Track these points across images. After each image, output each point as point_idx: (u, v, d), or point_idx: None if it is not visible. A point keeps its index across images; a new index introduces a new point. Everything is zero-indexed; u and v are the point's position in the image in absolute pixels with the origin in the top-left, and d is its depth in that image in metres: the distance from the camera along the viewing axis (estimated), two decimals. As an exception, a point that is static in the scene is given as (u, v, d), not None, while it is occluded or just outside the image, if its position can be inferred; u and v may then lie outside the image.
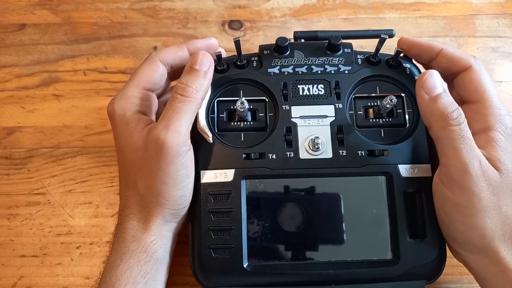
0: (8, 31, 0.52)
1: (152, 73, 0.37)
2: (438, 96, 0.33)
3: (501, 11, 0.54)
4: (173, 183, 0.33)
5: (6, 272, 0.42)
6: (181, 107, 0.33)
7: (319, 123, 0.37)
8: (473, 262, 0.33)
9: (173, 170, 0.33)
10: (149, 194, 0.34)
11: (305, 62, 0.39)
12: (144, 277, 0.33)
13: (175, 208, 0.34)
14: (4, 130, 0.47)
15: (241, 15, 0.53)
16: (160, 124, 0.33)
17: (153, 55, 0.37)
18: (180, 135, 0.32)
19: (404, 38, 0.38)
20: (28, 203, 0.44)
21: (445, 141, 0.32)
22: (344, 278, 0.35)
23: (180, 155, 0.33)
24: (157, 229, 0.34)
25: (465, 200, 0.31)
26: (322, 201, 0.36)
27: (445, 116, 0.32)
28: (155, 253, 0.34)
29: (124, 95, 0.36)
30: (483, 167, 0.31)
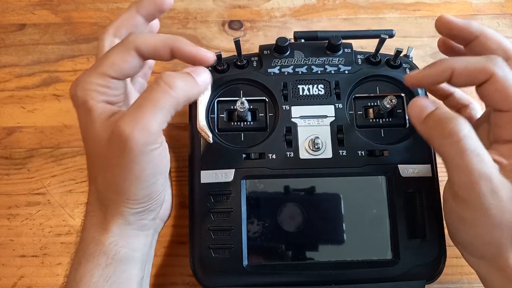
0: (8, 31, 0.52)
1: (124, 64, 0.31)
2: (430, 114, 0.30)
3: (501, 11, 0.54)
4: (136, 182, 0.29)
5: (6, 272, 0.42)
6: (160, 98, 0.29)
7: (319, 123, 0.37)
8: (477, 266, 0.33)
9: (136, 169, 0.29)
10: (107, 191, 0.30)
11: (305, 62, 0.39)
12: (107, 281, 0.30)
13: (138, 208, 0.31)
14: (4, 130, 0.47)
15: (241, 15, 0.53)
16: (127, 116, 0.28)
17: (129, 42, 0.31)
18: (149, 132, 0.28)
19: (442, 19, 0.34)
20: (28, 203, 0.45)
21: (448, 157, 0.29)
22: (344, 278, 0.35)
23: (146, 154, 0.29)
24: (118, 230, 0.31)
25: (471, 216, 0.30)
26: (322, 201, 0.36)
27: (441, 131, 0.29)
28: (116, 254, 0.30)
29: (89, 81, 0.31)
30: (494, 183, 0.28)
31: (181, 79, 0.30)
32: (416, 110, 0.31)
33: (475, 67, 0.30)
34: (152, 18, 0.36)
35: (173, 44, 0.31)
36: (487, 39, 0.33)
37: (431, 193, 0.36)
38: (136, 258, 0.32)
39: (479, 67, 0.30)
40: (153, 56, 0.32)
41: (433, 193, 0.36)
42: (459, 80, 0.31)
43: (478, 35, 0.33)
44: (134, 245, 0.32)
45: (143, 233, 0.32)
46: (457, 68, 0.31)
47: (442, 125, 0.29)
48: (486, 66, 0.30)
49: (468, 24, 0.33)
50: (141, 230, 0.32)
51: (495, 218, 0.29)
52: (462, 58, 0.32)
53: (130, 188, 0.30)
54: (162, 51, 0.31)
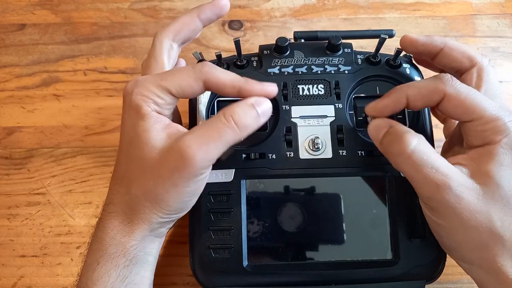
0: (8, 31, 0.52)
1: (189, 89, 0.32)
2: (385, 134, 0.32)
3: (501, 11, 0.54)
4: (176, 195, 0.31)
5: (6, 272, 0.42)
6: (228, 135, 0.30)
7: (319, 123, 0.37)
8: (469, 271, 0.32)
9: (182, 185, 0.31)
10: (143, 197, 0.31)
11: (305, 62, 0.39)
12: (123, 282, 0.31)
13: (166, 218, 0.32)
14: (4, 130, 0.47)
15: (241, 15, 0.53)
16: (195, 138, 0.30)
17: (201, 73, 0.32)
18: (209, 159, 0.30)
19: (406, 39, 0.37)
20: (28, 203, 0.45)
21: (406, 174, 0.31)
22: (344, 278, 0.35)
23: (197, 177, 0.31)
24: (140, 234, 0.32)
25: (445, 221, 0.30)
26: (322, 201, 0.36)
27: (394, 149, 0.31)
28: (135, 257, 0.32)
29: (149, 89, 0.32)
30: (456, 189, 0.29)
31: (248, 116, 0.31)
32: (374, 132, 0.33)
33: (427, 90, 0.32)
34: (209, 22, 0.38)
35: (242, 86, 0.32)
36: (451, 49, 0.35)
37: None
38: (149, 261, 0.33)
39: (431, 89, 0.32)
40: (219, 91, 0.33)
41: (433, 193, 0.36)
42: (416, 104, 0.33)
43: (442, 47, 0.35)
44: (149, 250, 0.33)
45: (158, 239, 0.34)
46: (410, 94, 0.32)
47: (394, 144, 0.31)
48: (437, 87, 0.31)
49: (431, 39, 0.36)
50: (157, 237, 0.34)
51: (469, 221, 0.29)
52: (414, 83, 0.34)
53: (169, 200, 0.31)
54: (229, 90, 0.32)
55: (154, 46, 0.36)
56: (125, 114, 0.33)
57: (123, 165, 0.33)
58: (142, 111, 0.31)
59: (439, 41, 0.36)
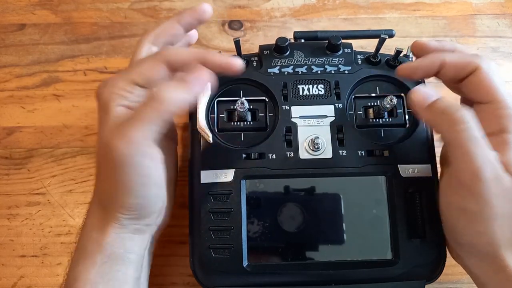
0: (8, 31, 0.52)
1: (153, 74, 0.32)
2: (435, 101, 0.32)
3: (501, 11, 0.54)
4: (125, 191, 0.30)
5: (6, 272, 0.42)
6: (147, 113, 0.30)
7: (319, 123, 0.37)
8: (475, 267, 0.32)
9: (123, 180, 0.30)
10: (104, 196, 0.32)
11: (305, 62, 0.39)
12: (103, 278, 0.31)
13: (131, 215, 0.32)
14: (4, 130, 0.47)
15: (241, 15, 0.53)
16: (116, 128, 0.30)
17: (161, 55, 0.33)
18: (133, 144, 0.29)
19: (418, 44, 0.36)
20: (28, 203, 0.44)
21: (455, 144, 0.30)
22: (344, 278, 0.35)
23: (132, 165, 0.30)
24: (113, 232, 0.32)
25: (475, 206, 0.30)
26: (322, 201, 0.36)
27: (449, 116, 0.30)
28: (112, 254, 0.31)
29: (116, 85, 0.32)
30: (497, 171, 0.29)
31: (172, 90, 0.31)
32: (419, 97, 0.33)
33: (463, 60, 0.33)
34: (191, 28, 0.38)
35: (203, 58, 0.33)
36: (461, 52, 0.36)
37: (431, 193, 0.36)
38: (131, 259, 0.33)
39: (467, 60, 0.33)
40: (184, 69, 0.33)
41: (433, 193, 0.36)
42: (448, 72, 0.33)
43: (453, 50, 0.36)
44: (129, 247, 0.33)
45: (137, 236, 0.33)
46: (448, 60, 0.33)
47: (449, 113, 0.31)
48: (473, 60, 0.33)
49: (442, 43, 0.36)
50: (135, 234, 0.33)
51: (497, 207, 0.29)
52: (451, 53, 0.35)
53: (121, 197, 0.31)
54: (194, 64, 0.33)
55: (135, 49, 0.37)
56: (98, 114, 0.33)
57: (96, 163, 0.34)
58: (108, 108, 0.32)
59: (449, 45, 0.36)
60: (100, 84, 0.33)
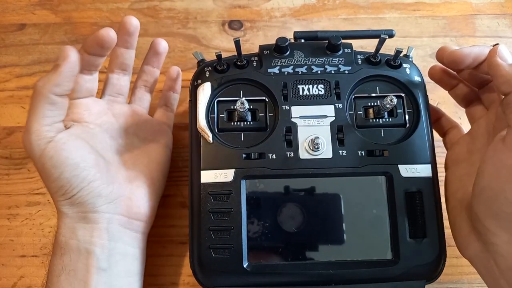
0: (8, 31, 0.52)
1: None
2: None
3: (501, 11, 0.54)
4: (45, 176, 0.33)
5: (6, 272, 0.42)
6: (31, 105, 0.33)
7: (319, 123, 0.37)
8: (506, 244, 0.31)
9: (39, 166, 0.33)
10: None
11: (305, 62, 0.39)
12: (64, 269, 0.33)
13: (63, 199, 0.34)
14: (4, 130, 0.47)
15: (241, 15, 0.53)
16: None
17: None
18: (30, 132, 0.32)
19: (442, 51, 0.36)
20: (28, 203, 0.44)
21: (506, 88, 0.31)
22: (344, 278, 0.35)
23: (37, 150, 0.33)
24: (61, 222, 0.34)
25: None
26: (322, 201, 0.36)
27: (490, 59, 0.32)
28: (66, 244, 0.34)
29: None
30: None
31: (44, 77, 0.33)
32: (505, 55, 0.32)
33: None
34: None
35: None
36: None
37: (431, 193, 0.36)
38: (90, 249, 0.34)
39: None
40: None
41: (433, 193, 0.36)
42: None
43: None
44: (83, 237, 0.34)
45: (90, 225, 0.34)
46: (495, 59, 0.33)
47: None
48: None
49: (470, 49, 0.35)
50: (87, 223, 0.34)
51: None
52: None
53: (46, 183, 0.34)
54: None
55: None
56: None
57: None
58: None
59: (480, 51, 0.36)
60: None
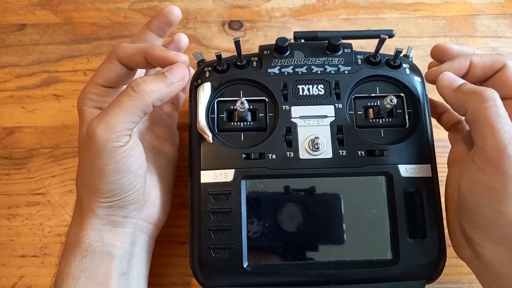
0: (8, 31, 0.52)
1: (109, 72, 0.35)
2: (463, 84, 0.33)
3: (501, 11, 0.54)
4: (98, 175, 0.32)
5: (6, 272, 0.42)
6: (126, 102, 0.31)
7: (319, 123, 0.37)
8: (491, 254, 0.32)
9: (99, 163, 0.31)
10: (80, 185, 0.34)
11: (305, 62, 0.39)
12: (84, 272, 0.32)
13: (105, 202, 0.33)
14: (4, 130, 0.47)
15: (241, 15, 0.53)
16: (98, 115, 0.32)
17: (113, 53, 0.35)
18: (112, 130, 0.31)
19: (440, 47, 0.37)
20: (28, 203, 0.45)
21: (482, 121, 0.31)
22: (344, 278, 0.35)
23: (108, 150, 0.31)
24: (89, 224, 0.33)
25: (499, 183, 0.30)
26: (322, 201, 0.36)
27: (478, 94, 0.31)
28: (90, 247, 0.32)
29: (84, 90, 0.36)
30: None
31: (150, 82, 0.32)
32: (448, 80, 0.34)
33: (490, 59, 0.35)
34: (162, 32, 0.40)
35: (146, 51, 0.34)
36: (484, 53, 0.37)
37: (431, 193, 0.36)
38: (113, 253, 0.33)
39: (493, 58, 0.35)
40: (132, 64, 0.35)
41: (433, 193, 0.36)
42: (476, 72, 0.35)
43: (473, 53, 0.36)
44: (108, 241, 0.33)
45: (117, 229, 0.34)
46: (474, 60, 0.34)
47: (479, 92, 0.32)
48: (499, 58, 0.34)
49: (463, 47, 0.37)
50: (114, 226, 0.34)
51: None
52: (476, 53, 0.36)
53: (96, 182, 0.32)
54: (137, 58, 0.34)
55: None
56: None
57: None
58: (81, 111, 0.35)
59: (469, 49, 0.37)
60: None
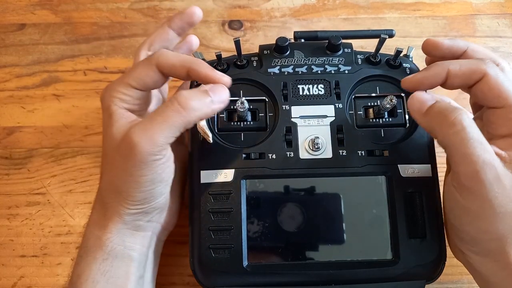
0: (8, 31, 0.52)
1: (145, 77, 0.34)
2: (431, 106, 0.32)
3: (501, 11, 0.54)
4: (134, 185, 0.31)
5: (6, 272, 0.42)
6: (172, 117, 0.31)
7: (319, 123, 0.37)
8: (479, 264, 0.32)
9: (137, 174, 0.31)
10: (109, 190, 0.33)
11: (305, 62, 0.39)
12: (104, 275, 0.32)
13: (134, 209, 0.33)
14: (4, 130, 0.47)
15: (241, 15, 0.53)
16: (139, 125, 0.31)
17: (152, 59, 0.34)
18: (154, 144, 0.30)
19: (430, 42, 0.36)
20: (28, 203, 0.45)
21: (452, 147, 0.30)
22: (344, 278, 0.35)
23: (149, 163, 0.31)
24: (114, 228, 0.33)
25: (476, 205, 0.30)
26: (322, 201, 0.36)
27: (445, 119, 0.30)
28: (112, 251, 0.32)
29: (114, 88, 0.34)
30: (498, 171, 0.29)
31: (196, 99, 0.32)
32: (417, 104, 0.33)
33: (469, 67, 0.32)
34: (182, 31, 0.40)
35: (190, 66, 0.33)
36: (475, 51, 0.35)
37: (431, 193, 0.36)
38: (132, 256, 0.33)
39: (473, 67, 0.32)
40: (172, 74, 0.34)
41: (433, 193, 0.36)
42: (455, 81, 0.33)
43: (466, 49, 0.35)
44: (129, 244, 0.33)
45: (139, 233, 0.34)
46: (452, 69, 0.32)
47: (445, 116, 0.30)
48: (479, 66, 0.32)
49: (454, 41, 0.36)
50: (137, 231, 0.34)
51: (500, 207, 0.29)
52: (455, 60, 0.33)
53: (129, 190, 0.32)
54: (179, 70, 0.34)
55: (134, 57, 0.39)
56: (102, 117, 0.35)
57: (101, 163, 0.35)
58: (110, 110, 0.33)
59: (462, 43, 0.36)
60: (103, 88, 0.35)
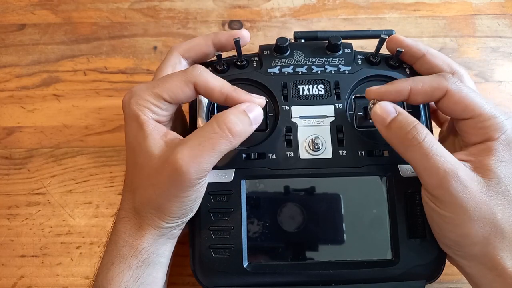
0: (8, 31, 0.52)
1: (179, 92, 0.33)
2: (393, 120, 0.32)
3: (501, 11, 0.54)
4: (178, 204, 0.32)
5: (6, 272, 0.42)
6: (222, 144, 0.31)
7: (319, 123, 0.37)
8: (468, 268, 0.33)
9: (182, 195, 0.32)
10: (148, 205, 0.32)
11: (305, 62, 0.39)
12: (136, 282, 0.32)
13: (173, 223, 0.33)
14: (4, 130, 0.48)
15: (241, 15, 0.53)
16: (187, 150, 0.30)
17: (191, 76, 0.33)
18: (203, 171, 0.31)
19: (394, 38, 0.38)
20: (28, 203, 0.45)
21: (413, 162, 0.32)
22: (344, 278, 0.35)
23: (195, 186, 0.32)
24: (151, 237, 0.33)
25: (450, 212, 0.31)
26: (322, 201, 0.36)
27: (401, 138, 0.32)
28: (147, 258, 0.33)
29: (143, 97, 0.33)
30: (463, 178, 0.30)
31: (240, 122, 0.32)
32: (380, 116, 0.33)
33: (431, 85, 0.33)
34: (222, 50, 0.38)
35: (229, 94, 0.33)
36: (433, 56, 0.37)
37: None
38: (162, 263, 0.34)
39: (434, 85, 0.33)
40: (207, 96, 0.34)
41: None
42: (417, 98, 0.34)
43: (425, 53, 0.37)
44: (162, 251, 0.34)
45: (170, 241, 0.35)
46: (413, 87, 0.33)
47: (405, 133, 0.31)
48: (440, 84, 0.33)
49: (416, 42, 0.37)
50: (170, 239, 0.35)
51: (473, 211, 0.30)
52: (418, 78, 0.34)
53: (171, 208, 0.32)
54: (217, 95, 0.33)
55: (165, 57, 0.38)
56: (126, 124, 0.34)
57: (129, 173, 0.34)
58: (140, 120, 0.32)
59: (422, 46, 0.37)
60: (127, 93, 0.34)
